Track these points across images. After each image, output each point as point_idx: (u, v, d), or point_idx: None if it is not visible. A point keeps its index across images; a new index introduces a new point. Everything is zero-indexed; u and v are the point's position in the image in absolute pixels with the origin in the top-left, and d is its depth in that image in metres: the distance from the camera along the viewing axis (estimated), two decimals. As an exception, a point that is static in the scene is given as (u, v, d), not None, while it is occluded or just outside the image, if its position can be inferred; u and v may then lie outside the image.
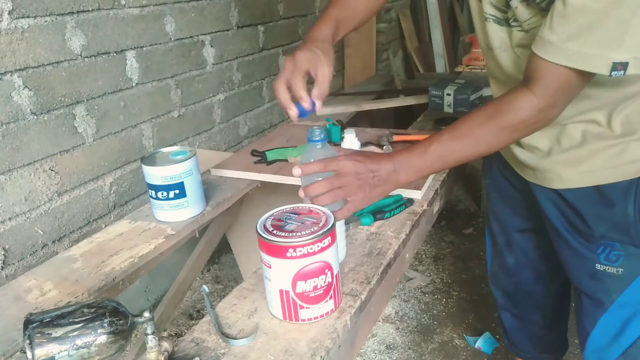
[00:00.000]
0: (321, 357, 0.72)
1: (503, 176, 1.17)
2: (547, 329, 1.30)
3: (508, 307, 1.32)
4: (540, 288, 1.25)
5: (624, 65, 0.71)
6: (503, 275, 1.29)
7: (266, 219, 0.78)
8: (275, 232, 0.74)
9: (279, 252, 0.72)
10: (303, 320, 0.77)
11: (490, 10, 0.91)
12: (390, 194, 1.13)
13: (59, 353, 0.62)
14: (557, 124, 0.90)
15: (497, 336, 1.90)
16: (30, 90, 1.35)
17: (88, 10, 1.48)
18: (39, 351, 0.61)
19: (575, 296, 1.07)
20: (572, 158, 0.92)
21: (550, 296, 1.26)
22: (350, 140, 1.24)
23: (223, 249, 2.31)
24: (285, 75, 0.91)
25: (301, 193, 0.87)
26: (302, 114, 0.90)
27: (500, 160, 1.15)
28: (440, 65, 3.52)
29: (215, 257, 2.36)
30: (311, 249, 0.72)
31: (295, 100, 0.91)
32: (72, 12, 1.44)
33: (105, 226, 1.51)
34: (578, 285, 1.02)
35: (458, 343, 1.92)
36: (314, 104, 0.90)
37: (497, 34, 0.92)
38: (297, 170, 0.86)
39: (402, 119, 2.46)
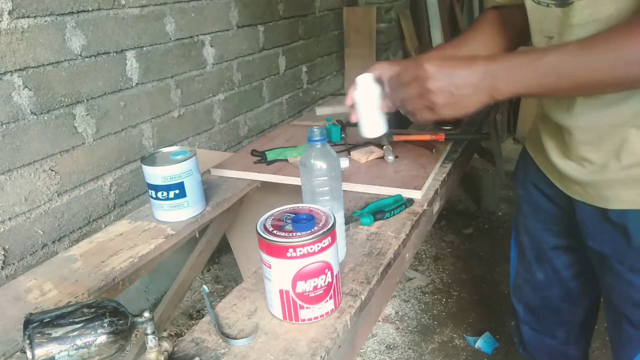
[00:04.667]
0: (321, 357, 0.72)
1: (539, 190, 1.08)
2: (570, 345, 1.25)
3: (530, 321, 1.25)
4: (567, 305, 1.18)
5: None
6: (529, 290, 1.22)
7: (266, 219, 0.78)
8: (275, 232, 0.74)
9: (279, 252, 0.72)
10: (303, 320, 0.77)
11: None
12: (390, 194, 1.13)
13: (59, 353, 0.62)
14: (614, 133, 0.81)
15: (497, 336, 1.90)
16: (30, 90, 1.35)
17: (88, 10, 1.48)
18: (39, 351, 0.61)
19: (612, 318, 1.01)
20: (634, 177, 0.83)
21: (577, 313, 1.20)
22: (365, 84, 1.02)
23: (223, 249, 2.31)
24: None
25: (349, 101, 0.89)
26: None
27: (536, 172, 1.06)
28: (440, 65, 3.51)
29: (215, 257, 2.36)
30: (311, 249, 0.72)
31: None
32: (72, 12, 1.44)
33: (105, 226, 1.51)
34: (622, 311, 0.95)
35: (458, 343, 1.92)
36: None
37: (557, 18, 0.82)
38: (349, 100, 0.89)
39: (402, 119, 2.46)
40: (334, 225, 0.75)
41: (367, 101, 1.00)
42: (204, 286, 0.85)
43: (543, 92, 0.79)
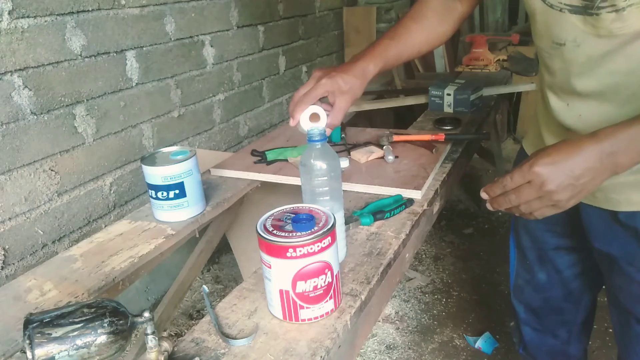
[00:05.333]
0: (321, 357, 0.72)
1: None
2: (571, 344, 1.25)
3: (531, 322, 1.25)
4: (569, 305, 1.19)
5: None
6: (530, 291, 1.22)
7: (266, 219, 0.78)
8: (275, 232, 0.74)
9: (279, 252, 0.72)
10: (303, 320, 0.77)
11: (568, 0, 0.79)
12: (390, 194, 1.13)
13: (59, 353, 0.62)
14: None
15: (497, 336, 1.90)
16: (30, 90, 1.35)
17: (88, 10, 1.48)
18: (39, 351, 0.61)
19: (619, 318, 1.01)
20: None
21: (579, 312, 1.20)
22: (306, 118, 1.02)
23: (223, 249, 2.31)
24: (302, 90, 1.01)
25: (484, 194, 0.82)
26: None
27: None
28: (440, 65, 3.52)
29: (215, 257, 2.36)
30: (311, 249, 0.72)
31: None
32: (72, 12, 1.44)
33: (105, 226, 1.51)
34: (630, 310, 0.95)
35: (458, 343, 1.92)
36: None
37: (573, 26, 0.80)
38: (484, 194, 0.82)
39: (402, 119, 2.46)
40: (334, 225, 0.75)
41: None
42: (204, 286, 0.85)
43: None
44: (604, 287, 1.07)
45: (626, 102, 0.79)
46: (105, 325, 0.64)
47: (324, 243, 0.73)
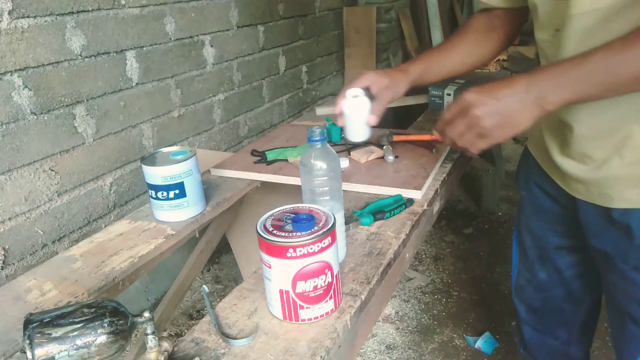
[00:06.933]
0: (321, 357, 0.72)
1: (542, 190, 1.08)
2: (572, 345, 1.25)
3: (532, 321, 1.25)
4: (570, 305, 1.18)
5: None
6: (531, 290, 1.22)
7: (266, 219, 0.78)
8: (275, 232, 0.74)
9: (279, 252, 0.72)
10: (303, 320, 0.77)
11: None
12: (390, 194, 1.13)
13: (59, 353, 0.62)
14: (617, 129, 0.81)
15: (497, 336, 1.90)
16: (30, 90, 1.35)
17: (88, 10, 1.48)
18: (39, 351, 0.61)
19: (615, 317, 1.01)
20: (638, 174, 0.82)
21: (579, 313, 1.20)
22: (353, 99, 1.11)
23: (223, 249, 2.31)
24: (351, 84, 1.10)
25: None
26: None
27: (539, 172, 1.06)
28: (441, 65, 3.52)
29: (215, 257, 2.36)
30: (311, 249, 0.72)
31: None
32: (72, 12, 1.44)
33: (105, 226, 1.51)
34: (625, 309, 0.96)
35: (458, 343, 1.92)
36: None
37: (562, 10, 0.82)
38: (435, 132, 0.90)
39: (402, 119, 2.46)
40: (334, 225, 0.75)
41: (355, 112, 1.10)
42: (204, 286, 0.85)
43: (593, 93, 0.76)
44: None
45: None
46: (105, 325, 0.64)
47: (324, 243, 0.73)
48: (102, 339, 0.64)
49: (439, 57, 1.15)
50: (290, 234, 0.73)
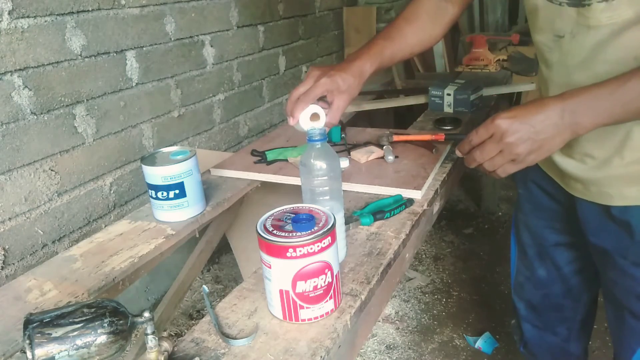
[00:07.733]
0: (321, 357, 0.72)
1: (540, 188, 1.09)
2: (571, 341, 1.25)
3: (531, 319, 1.26)
4: (569, 302, 1.19)
5: None
6: (530, 287, 1.23)
7: (266, 219, 0.78)
8: (275, 232, 0.74)
9: (279, 252, 0.72)
10: (303, 320, 0.77)
11: None
12: (390, 194, 1.13)
13: (59, 353, 0.62)
14: (617, 129, 0.82)
15: (497, 336, 1.90)
16: (30, 90, 1.36)
17: (88, 10, 1.49)
18: (39, 351, 0.61)
19: (614, 312, 1.01)
20: (637, 173, 0.84)
21: (578, 310, 1.21)
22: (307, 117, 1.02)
23: (223, 249, 2.31)
24: (300, 89, 1.00)
25: (458, 152, 0.87)
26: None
27: (537, 170, 1.06)
28: (440, 65, 3.52)
29: (215, 257, 2.36)
30: (311, 249, 0.72)
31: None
32: (72, 12, 1.44)
33: (105, 226, 1.51)
34: (624, 304, 0.97)
35: (458, 343, 1.92)
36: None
37: (570, 18, 0.83)
38: (457, 152, 0.87)
39: (402, 119, 2.46)
40: (334, 225, 0.75)
41: (311, 127, 0.98)
42: (204, 286, 0.85)
43: (626, 118, 0.77)
44: None
45: None
46: (105, 325, 0.64)
47: (324, 243, 0.73)
48: (102, 339, 0.64)
49: (392, 48, 1.09)
50: (290, 234, 0.73)
